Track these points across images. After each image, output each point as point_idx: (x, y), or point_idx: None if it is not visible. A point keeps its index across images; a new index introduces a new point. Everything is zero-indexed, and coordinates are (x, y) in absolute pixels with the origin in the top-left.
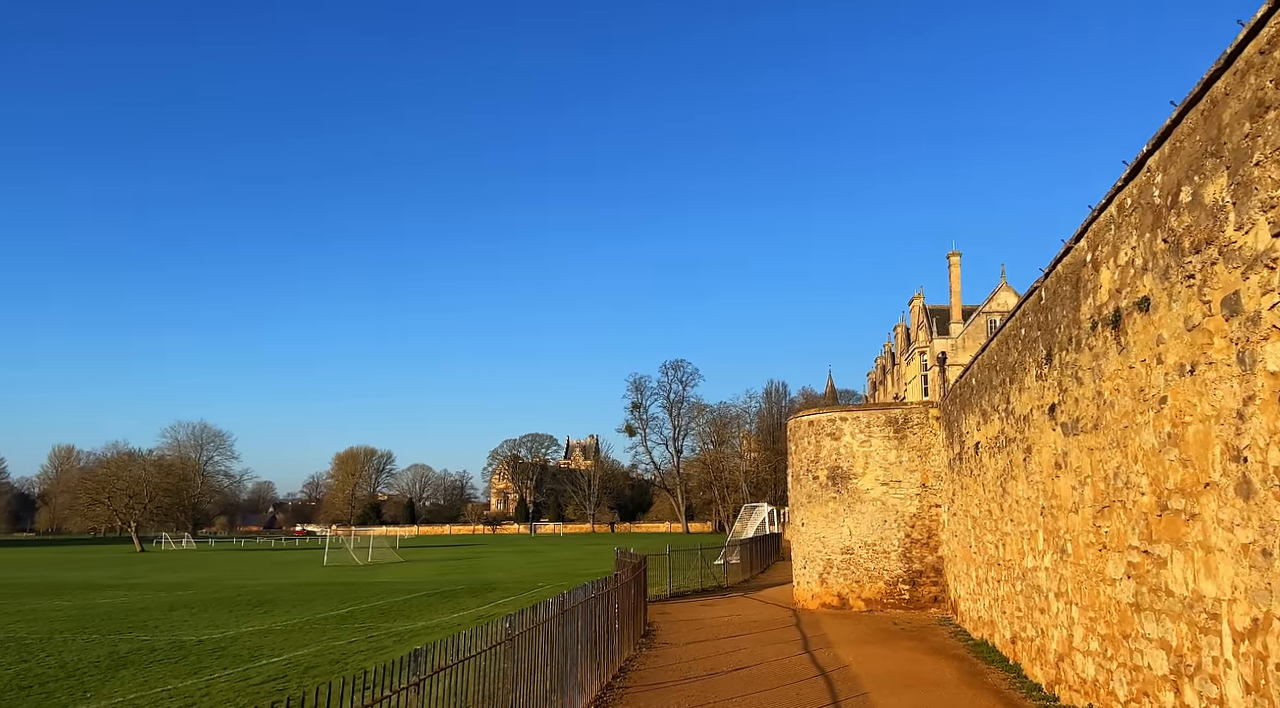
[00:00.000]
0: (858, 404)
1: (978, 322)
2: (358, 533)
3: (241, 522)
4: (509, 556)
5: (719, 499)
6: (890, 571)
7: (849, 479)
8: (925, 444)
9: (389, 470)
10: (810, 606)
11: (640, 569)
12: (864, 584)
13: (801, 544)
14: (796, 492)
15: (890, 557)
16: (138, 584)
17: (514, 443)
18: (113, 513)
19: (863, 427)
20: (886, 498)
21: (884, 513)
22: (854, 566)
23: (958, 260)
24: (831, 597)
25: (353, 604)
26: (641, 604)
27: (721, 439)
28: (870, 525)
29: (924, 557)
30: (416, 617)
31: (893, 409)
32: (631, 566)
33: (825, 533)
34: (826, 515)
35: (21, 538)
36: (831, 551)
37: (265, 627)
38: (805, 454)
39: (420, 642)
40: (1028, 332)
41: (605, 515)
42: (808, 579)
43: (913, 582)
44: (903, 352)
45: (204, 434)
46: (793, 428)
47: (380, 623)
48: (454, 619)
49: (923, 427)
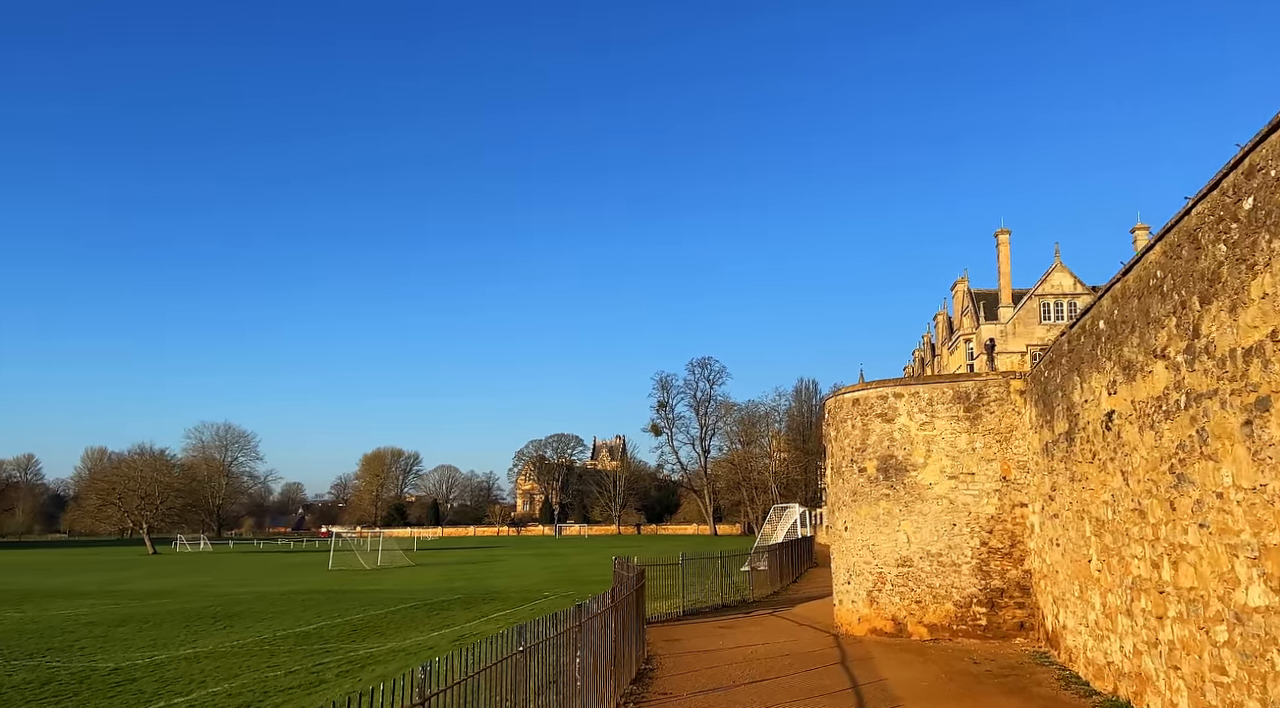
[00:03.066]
0: (917, 377)
1: (1029, 305)
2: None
3: (271, 523)
4: (526, 559)
5: (747, 501)
6: (961, 588)
7: (906, 472)
8: (1006, 426)
9: (416, 472)
10: (856, 631)
11: (635, 589)
12: (926, 606)
13: (845, 553)
14: (837, 488)
15: (961, 571)
16: (118, 592)
17: (540, 444)
18: (124, 515)
19: (923, 404)
20: (955, 495)
21: (952, 515)
22: (913, 582)
23: (1007, 239)
24: (884, 620)
25: (329, 618)
26: (636, 632)
27: (750, 439)
28: (934, 531)
29: (1005, 571)
30: (390, 635)
31: (962, 381)
32: (620, 585)
33: (875, 540)
34: (877, 518)
35: (49, 539)
36: (884, 562)
37: (209, 648)
38: (849, 441)
39: (374, 671)
40: (1256, 207)
41: (632, 517)
42: (853, 598)
43: (990, 603)
44: (944, 341)
45: (228, 435)
46: (832, 408)
47: (343, 644)
48: (427, 640)
49: (1002, 403)
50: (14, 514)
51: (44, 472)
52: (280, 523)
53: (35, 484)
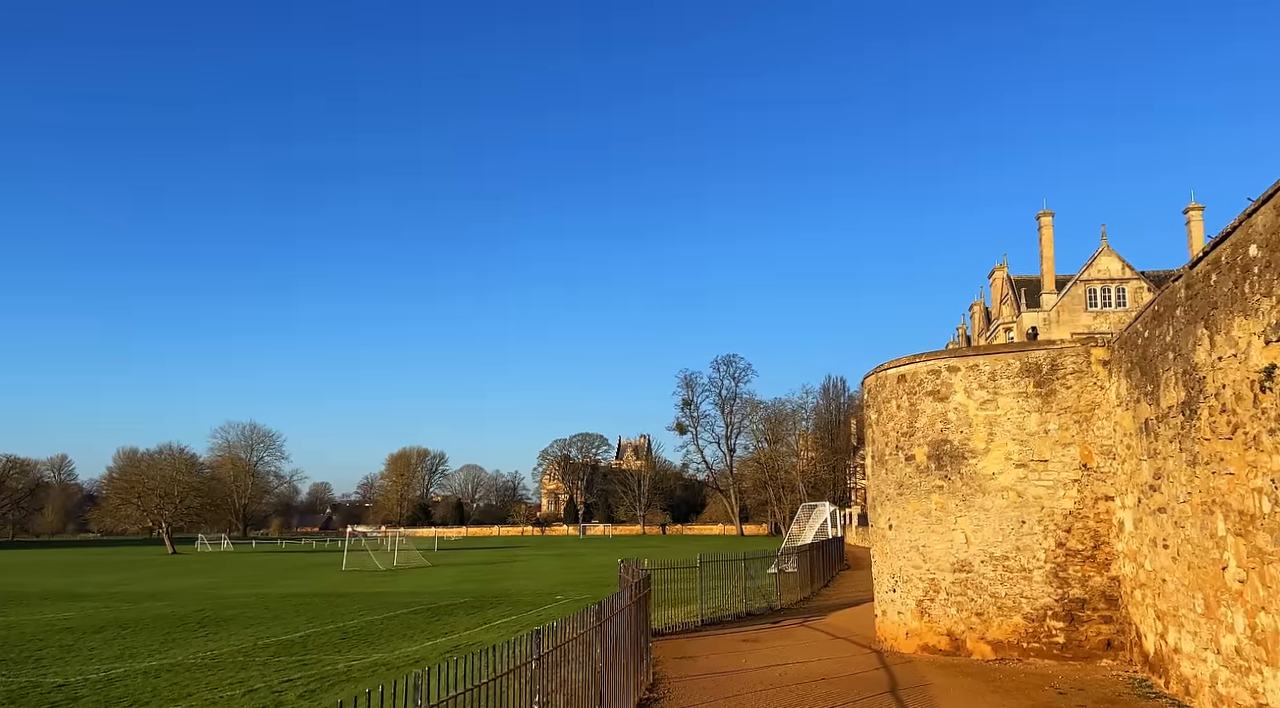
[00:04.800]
0: (976, 347)
1: (1074, 292)
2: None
3: (299, 523)
4: (546, 559)
5: (774, 500)
6: (1032, 598)
7: (963, 459)
8: (1086, 403)
9: (442, 471)
10: (904, 648)
11: (636, 598)
12: (990, 619)
13: (890, 556)
14: (880, 480)
15: (1031, 578)
16: (116, 594)
17: (564, 443)
18: (143, 514)
19: (984, 379)
20: (1024, 487)
21: (1020, 510)
22: (973, 590)
23: (1049, 221)
24: (937, 636)
25: (322, 624)
26: (638, 652)
27: (776, 437)
28: (998, 529)
29: (1088, 578)
30: (379, 645)
31: (1032, 351)
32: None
33: (927, 540)
34: (928, 514)
35: (79, 539)
36: (937, 567)
37: (177, 659)
38: (894, 424)
39: (344, 691)
40: None
41: (657, 517)
42: (900, 608)
43: (1069, 616)
44: (981, 332)
45: (254, 434)
46: (873, 387)
47: (324, 655)
48: (417, 651)
49: (1081, 376)
50: (44, 514)
51: (78, 472)
52: (308, 523)
53: (69, 484)
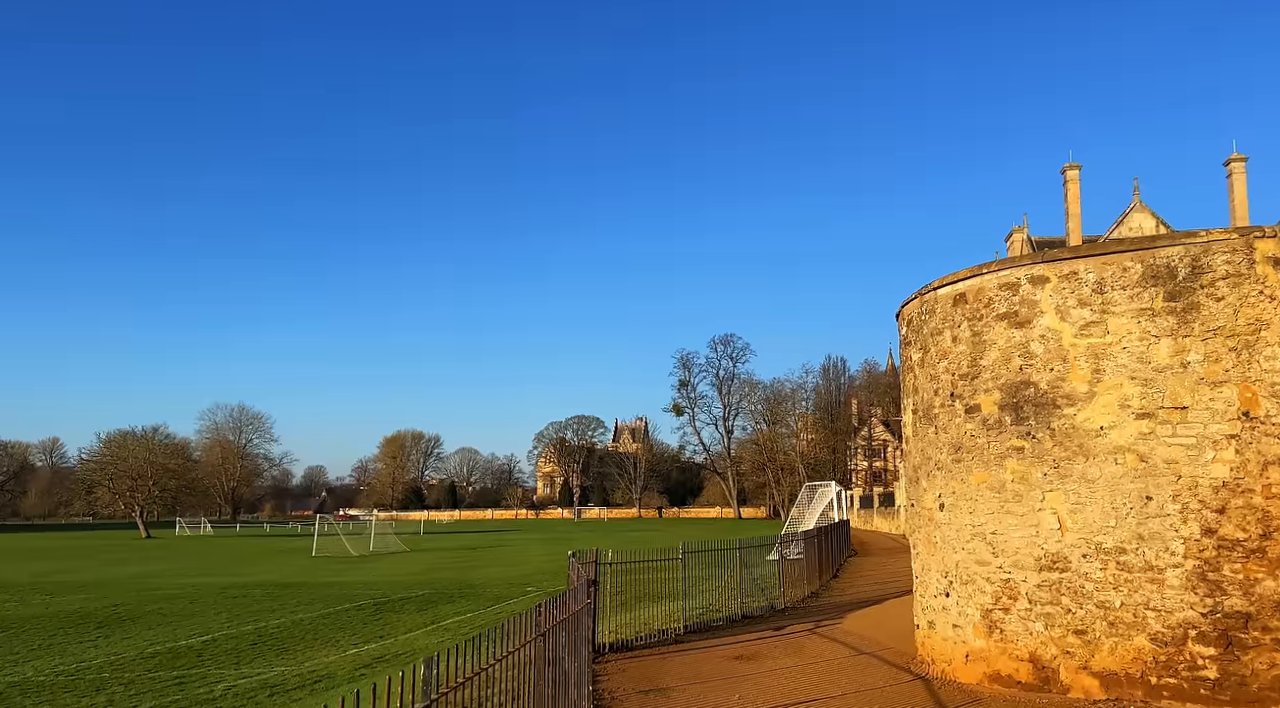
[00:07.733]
0: (1073, 247)
1: None
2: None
3: (294, 507)
4: (533, 544)
5: (773, 483)
6: (1166, 611)
7: (1055, 409)
8: (1249, 322)
9: (437, 454)
10: (963, 676)
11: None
12: (1098, 640)
13: (940, 547)
14: (926, 442)
15: (1165, 580)
16: (46, 584)
17: (560, 426)
18: (115, 497)
19: (1086, 292)
20: (1151, 447)
21: (1144, 480)
22: (1071, 597)
23: (1076, 175)
24: (1015, 662)
25: (242, 623)
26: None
27: (775, 418)
28: (1110, 509)
29: (1254, 582)
30: (293, 653)
31: (1163, 248)
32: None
33: (998, 525)
34: (1001, 488)
35: (62, 522)
36: (1015, 563)
37: (26, 674)
38: (947, 364)
39: None
40: None
41: (653, 500)
42: (956, 619)
43: (1225, 639)
44: None
45: (242, 417)
46: (916, 316)
47: (215, 669)
48: (332, 663)
49: (1239, 282)
50: (27, 496)
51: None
52: (304, 506)
53: (60, 467)
